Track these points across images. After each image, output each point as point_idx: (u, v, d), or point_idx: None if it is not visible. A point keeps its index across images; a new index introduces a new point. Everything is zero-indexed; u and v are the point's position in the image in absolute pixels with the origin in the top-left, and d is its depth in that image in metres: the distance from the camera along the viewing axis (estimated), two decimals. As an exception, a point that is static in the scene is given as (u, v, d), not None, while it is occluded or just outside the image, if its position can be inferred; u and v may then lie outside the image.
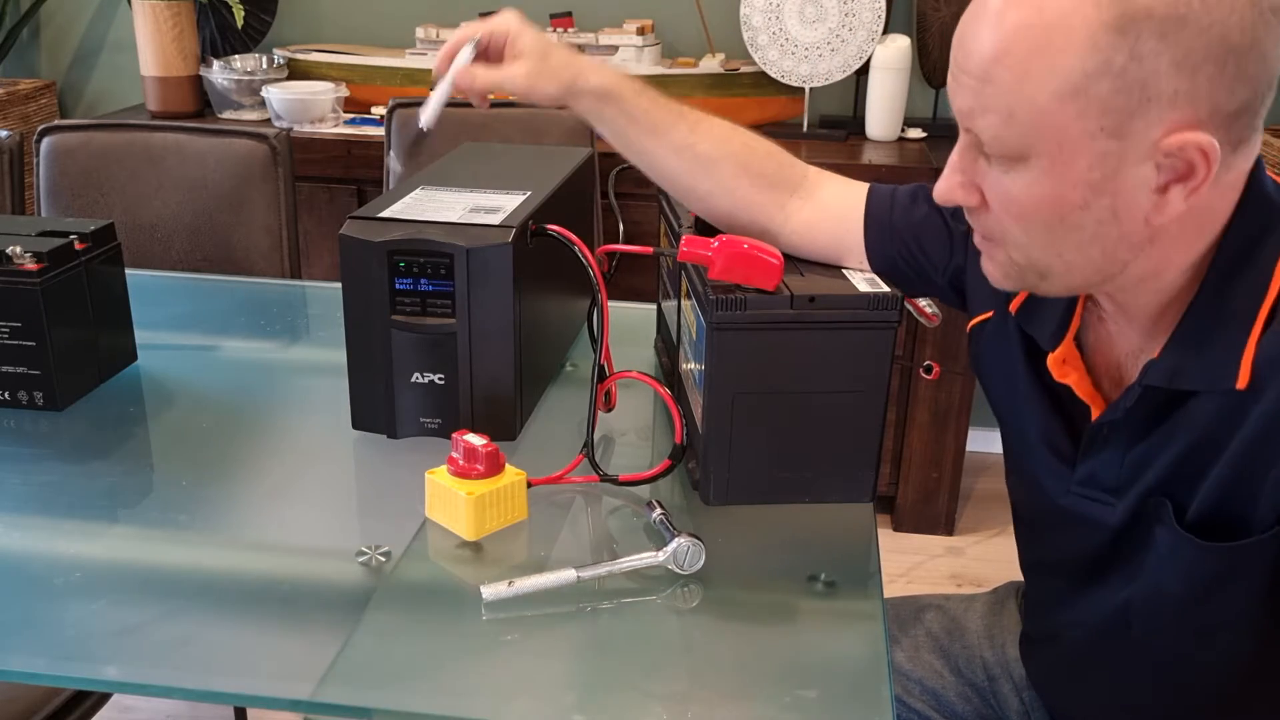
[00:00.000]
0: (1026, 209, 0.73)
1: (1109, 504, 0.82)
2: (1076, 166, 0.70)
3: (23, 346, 1.05)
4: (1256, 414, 0.73)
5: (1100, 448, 0.82)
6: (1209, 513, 0.76)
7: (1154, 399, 0.77)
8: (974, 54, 0.71)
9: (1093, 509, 0.84)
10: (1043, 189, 0.72)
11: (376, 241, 0.96)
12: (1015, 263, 0.78)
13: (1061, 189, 0.71)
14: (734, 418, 0.90)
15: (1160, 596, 0.82)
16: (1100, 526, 0.84)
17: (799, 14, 2.25)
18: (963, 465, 2.33)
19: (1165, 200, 0.70)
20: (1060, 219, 0.73)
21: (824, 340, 0.88)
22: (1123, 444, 0.81)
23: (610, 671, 0.74)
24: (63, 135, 1.75)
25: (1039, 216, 0.73)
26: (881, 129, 2.31)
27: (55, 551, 0.85)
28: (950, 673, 1.09)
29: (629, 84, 1.00)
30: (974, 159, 0.76)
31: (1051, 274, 0.77)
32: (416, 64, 2.38)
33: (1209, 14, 0.65)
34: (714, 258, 0.88)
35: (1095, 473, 0.83)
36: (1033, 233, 0.74)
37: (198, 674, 0.72)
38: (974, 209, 0.78)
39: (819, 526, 0.92)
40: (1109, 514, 0.83)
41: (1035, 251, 0.75)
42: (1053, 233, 0.74)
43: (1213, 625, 0.81)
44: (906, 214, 0.98)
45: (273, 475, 0.98)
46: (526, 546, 0.88)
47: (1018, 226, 0.75)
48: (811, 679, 0.73)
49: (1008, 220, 0.75)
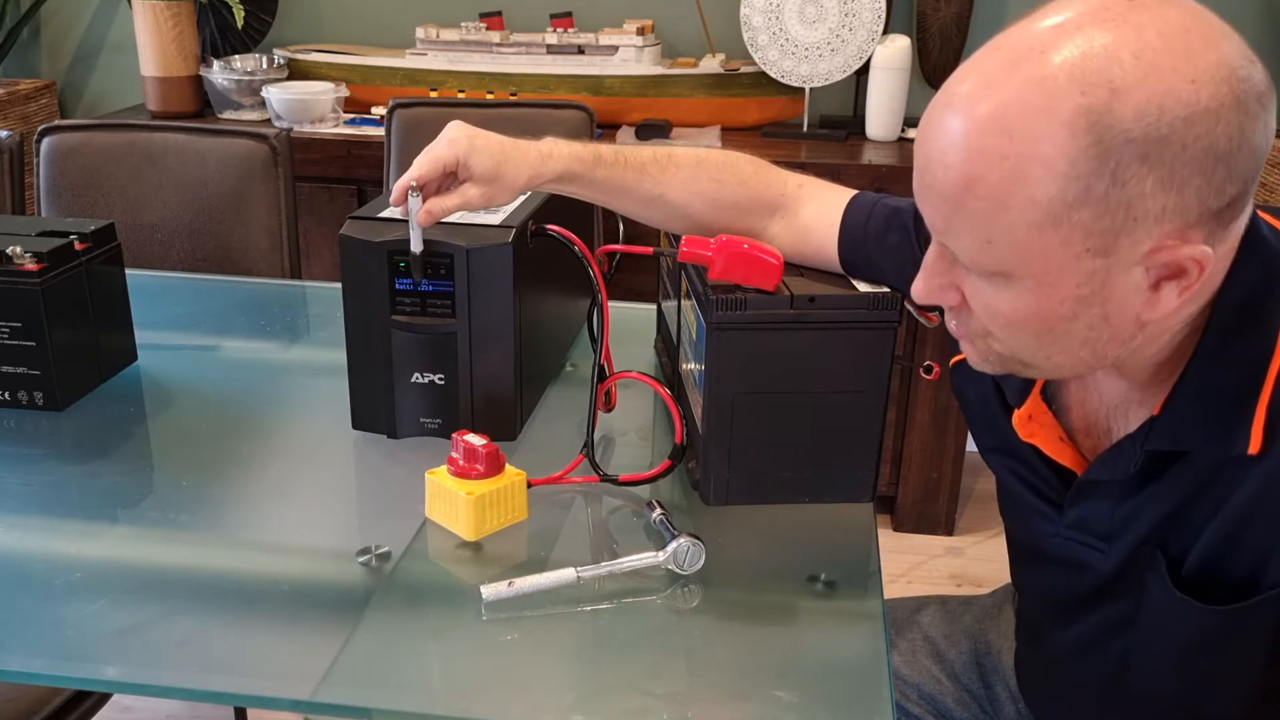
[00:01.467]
0: (1012, 320, 0.70)
1: (1100, 550, 0.80)
2: (1063, 285, 0.67)
3: (23, 346, 1.05)
4: (1260, 474, 0.70)
5: (1088, 498, 0.80)
6: (1204, 570, 0.74)
7: (1157, 459, 0.75)
8: (940, 177, 0.67)
9: (1084, 554, 0.81)
10: (1028, 305, 0.68)
11: (376, 241, 0.96)
12: (998, 354, 0.74)
13: (1049, 305, 0.68)
14: (734, 418, 0.90)
15: (1156, 648, 0.80)
16: (1092, 571, 0.81)
17: (799, 14, 2.25)
18: (963, 465, 2.33)
19: (1158, 297, 0.67)
20: (1049, 329, 0.69)
21: (824, 340, 0.88)
22: (1113, 496, 0.78)
23: (610, 671, 0.74)
24: (63, 135, 1.75)
25: (1027, 327, 0.70)
26: (882, 129, 2.31)
27: (55, 551, 0.85)
28: (947, 678, 1.09)
29: (585, 160, 0.98)
30: (950, 264, 0.72)
31: (1036, 367, 0.74)
32: (416, 64, 2.38)
33: (1192, 129, 0.61)
34: (714, 258, 0.88)
35: (1085, 519, 0.80)
36: (1020, 339, 0.71)
37: (198, 674, 0.72)
38: (955, 308, 0.75)
39: (819, 526, 0.92)
40: (1100, 560, 0.80)
41: (1024, 352, 0.72)
42: (1041, 340, 0.71)
43: (1213, 675, 0.79)
44: (880, 241, 0.95)
45: (273, 475, 0.98)
46: (526, 546, 0.88)
47: (1004, 331, 0.71)
48: (811, 679, 0.73)
49: (994, 326, 0.72)
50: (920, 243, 0.92)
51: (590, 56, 2.34)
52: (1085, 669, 0.88)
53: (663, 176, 0.99)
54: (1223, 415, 0.71)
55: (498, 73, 2.34)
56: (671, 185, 0.99)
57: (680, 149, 1.01)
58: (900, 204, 0.96)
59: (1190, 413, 0.72)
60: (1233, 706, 0.80)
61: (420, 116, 2.02)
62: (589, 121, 2.00)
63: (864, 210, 0.97)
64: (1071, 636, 0.87)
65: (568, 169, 0.97)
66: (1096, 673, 0.87)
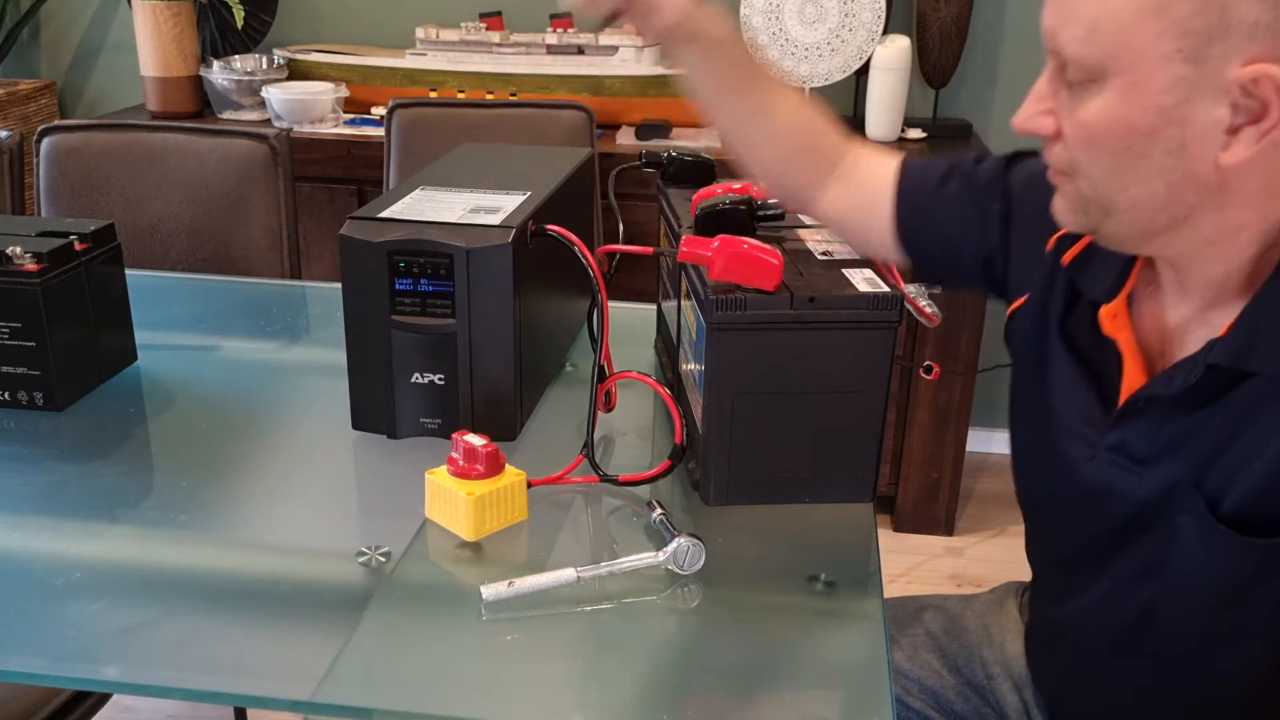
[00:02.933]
0: (1097, 134, 0.73)
1: (1136, 473, 0.81)
2: (1150, 89, 0.70)
3: (23, 347, 1.05)
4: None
5: (1135, 418, 0.81)
6: (1246, 506, 0.75)
7: (1214, 378, 0.76)
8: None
9: (1118, 478, 0.82)
10: (1114, 111, 0.72)
11: (376, 241, 0.96)
12: (1084, 196, 0.77)
13: (1132, 112, 0.71)
14: (734, 418, 0.90)
15: (1184, 593, 0.80)
16: (1124, 499, 0.82)
17: (799, 14, 2.25)
18: (963, 465, 2.33)
19: (1235, 141, 0.69)
20: (1128, 146, 0.72)
21: (824, 340, 0.88)
22: (1161, 417, 0.79)
23: (610, 671, 0.74)
24: (63, 135, 1.75)
25: (1107, 142, 0.73)
26: (881, 129, 2.31)
27: (55, 551, 0.85)
28: (949, 672, 1.10)
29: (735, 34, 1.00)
30: (1055, 88, 0.76)
31: (1116, 211, 0.76)
32: (416, 64, 2.38)
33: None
34: (714, 258, 0.88)
35: (1126, 440, 0.82)
36: (1100, 161, 0.74)
37: (198, 674, 0.72)
38: (1049, 139, 0.78)
39: (819, 526, 0.92)
40: (1134, 484, 0.81)
41: (1102, 182, 0.75)
42: (1120, 161, 0.73)
43: (1237, 628, 0.79)
44: (936, 193, 0.98)
45: (273, 475, 0.98)
46: (526, 546, 0.88)
47: (1086, 155, 0.75)
48: (811, 679, 0.73)
49: (1078, 149, 0.75)
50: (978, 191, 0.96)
51: (590, 56, 2.34)
52: (1102, 624, 0.88)
53: (779, 91, 1.01)
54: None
55: (498, 73, 2.34)
56: (784, 102, 1.01)
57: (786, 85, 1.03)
58: (955, 160, 0.99)
59: (1257, 334, 0.73)
60: (1248, 666, 0.81)
61: (420, 117, 2.02)
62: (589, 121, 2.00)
63: (918, 167, 1.00)
64: (1094, 597, 0.88)
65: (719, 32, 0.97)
66: (1113, 629, 0.87)
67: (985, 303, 2.19)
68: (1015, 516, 2.49)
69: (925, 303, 1.00)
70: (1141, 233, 0.77)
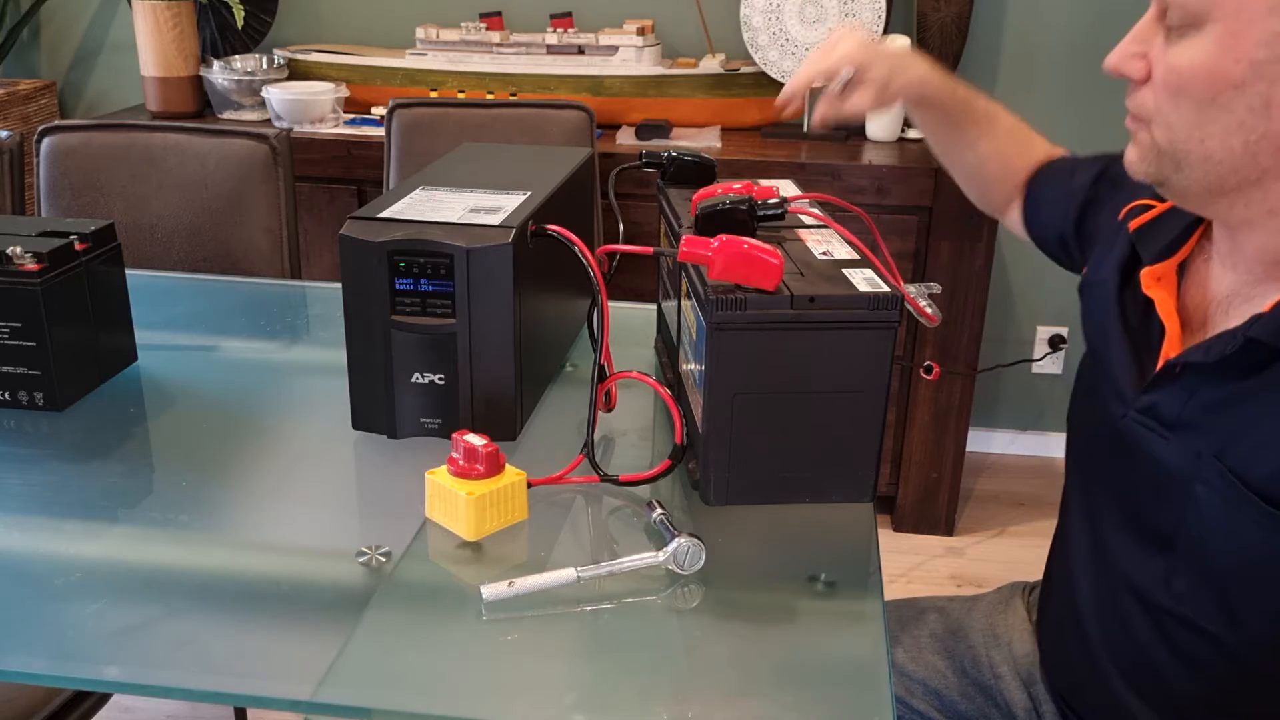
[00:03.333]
0: (1185, 80, 0.75)
1: (1165, 438, 0.83)
2: (1246, 40, 0.71)
3: (23, 347, 1.05)
4: None
5: (1170, 383, 0.83)
6: (1274, 481, 0.76)
7: (1251, 353, 0.77)
8: None
9: (1148, 439, 0.85)
10: (1207, 58, 0.73)
11: (376, 241, 0.96)
12: (1157, 145, 0.79)
13: (1225, 62, 0.72)
14: (734, 418, 0.90)
15: (1197, 564, 0.81)
16: (1149, 462, 0.84)
17: (799, 14, 2.25)
18: (963, 465, 2.34)
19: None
20: (1213, 97, 0.74)
21: (824, 340, 0.89)
22: (1195, 385, 0.81)
23: (610, 671, 0.74)
24: (63, 135, 1.75)
25: (1194, 90, 0.74)
26: (882, 129, 2.31)
27: (55, 551, 0.85)
28: (953, 672, 1.09)
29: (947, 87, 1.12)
30: (1153, 33, 0.78)
31: (1188, 163, 0.77)
32: (416, 64, 2.38)
33: None
34: (714, 258, 0.88)
35: (1156, 404, 0.84)
36: (1183, 110, 0.76)
37: (198, 674, 0.72)
38: (1136, 83, 0.80)
39: (819, 526, 0.92)
40: (1162, 447, 0.83)
41: (1180, 132, 0.77)
42: (1203, 112, 0.75)
43: (1252, 608, 0.80)
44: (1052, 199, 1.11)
45: (273, 475, 0.98)
46: (526, 546, 0.88)
47: (1171, 101, 0.76)
48: (811, 679, 0.73)
49: (1164, 94, 0.77)
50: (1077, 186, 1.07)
51: (590, 57, 2.34)
52: (1121, 602, 0.89)
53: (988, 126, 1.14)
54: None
55: (498, 73, 2.34)
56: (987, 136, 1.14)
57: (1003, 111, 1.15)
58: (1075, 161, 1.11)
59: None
60: (1258, 652, 0.81)
61: (420, 117, 2.02)
62: (589, 121, 2.00)
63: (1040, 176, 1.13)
64: (1113, 556, 0.89)
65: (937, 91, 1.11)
66: (1131, 607, 0.88)
67: (986, 303, 2.19)
68: (1015, 516, 2.50)
69: (925, 303, 1.01)
70: (1209, 189, 0.78)
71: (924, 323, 0.96)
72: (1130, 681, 0.90)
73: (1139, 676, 0.90)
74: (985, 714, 1.08)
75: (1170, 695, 0.87)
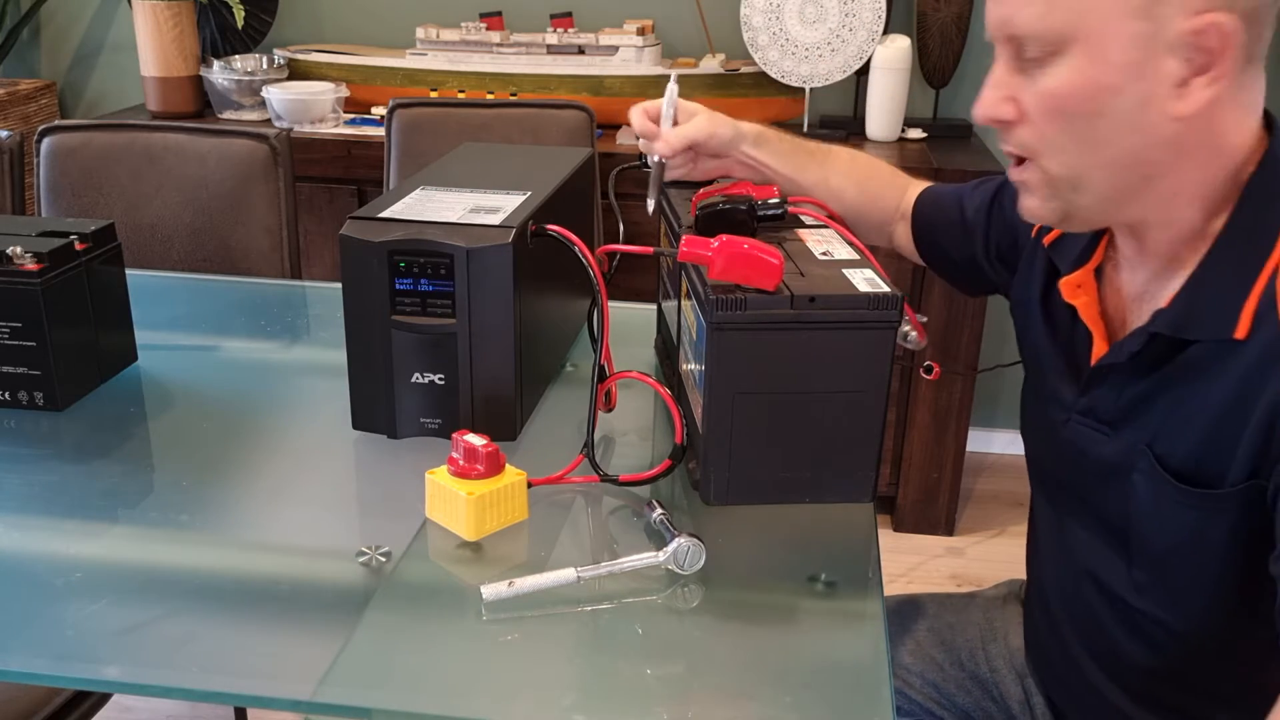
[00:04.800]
0: (1065, 100, 0.77)
1: (1106, 435, 0.87)
2: (1112, 49, 0.74)
3: (23, 346, 1.05)
4: (1242, 360, 0.76)
5: (1100, 384, 0.88)
6: (1190, 462, 0.80)
7: (1157, 346, 0.81)
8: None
9: (1093, 438, 0.88)
10: (1081, 75, 0.76)
11: (377, 241, 0.96)
12: (1051, 176, 0.80)
13: (1098, 73, 0.75)
14: (734, 418, 0.90)
15: (1145, 551, 0.85)
16: (1098, 458, 0.88)
17: (799, 14, 2.25)
18: (963, 465, 2.33)
19: (1188, 92, 0.75)
20: (1096, 108, 0.76)
21: (824, 340, 0.88)
22: (1120, 383, 0.85)
23: (610, 671, 0.74)
24: (63, 135, 1.75)
25: (1076, 106, 0.76)
26: (882, 129, 2.31)
27: (55, 551, 0.85)
28: (952, 665, 1.10)
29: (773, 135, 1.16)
30: (1011, 74, 0.80)
31: (1087, 181, 0.79)
32: (416, 64, 2.38)
33: None
34: (714, 258, 0.88)
35: (1094, 406, 0.88)
36: (1071, 129, 0.77)
37: (198, 674, 0.72)
38: (1012, 124, 0.81)
39: (819, 526, 0.92)
40: (1105, 444, 0.87)
41: (1072, 152, 0.78)
42: (1089, 124, 0.77)
43: (1187, 587, 0.83)
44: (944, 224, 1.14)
45: (273, 475, 0.98)
46: (526, 546, 0.88)
47: (1055, 126, 0.78)
48: (811, 679, 0.73)
49: (1046, 122, 0.78)
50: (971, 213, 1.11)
51: (590, 56, 2.34)
52: (1087, 595, 0.93)
53: (827, 161, 1.17)
54: (1221, 304, 0.77)
55: (498, 73, 2.34)
56: (835, 170, 1.18)
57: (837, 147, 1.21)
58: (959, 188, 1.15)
59: (1195, 304, 0.79)
60: (1206, 636, 0.85)
61: (420, 117, 2.02)
62: (589, 121, 2.00)
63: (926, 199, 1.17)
64: (1079, 551, 0.93)
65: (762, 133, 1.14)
66: (1097, 599, 0.92)
67: (985, 303, 2.19)
68: (1015, 516, 2.50)
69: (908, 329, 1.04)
70: (1111, 199, 0.81)
71: (912, 347, 1.02)
72: (1107, 673, 0.93)
73: (1112, 665, 0.93)
74: (982, 706, 1.09)
75: (1140, 679, 0.91)
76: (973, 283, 1.15)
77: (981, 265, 1.11)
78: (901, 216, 1.19)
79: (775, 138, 1.15)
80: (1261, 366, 0.75)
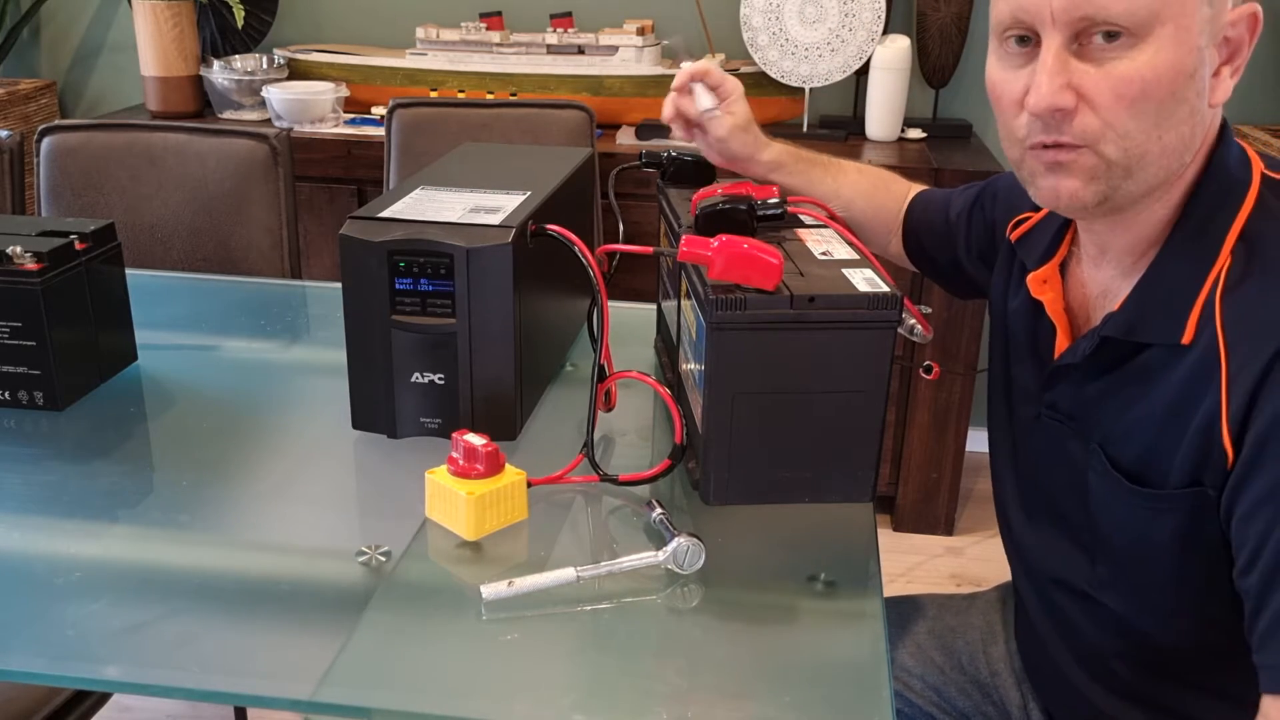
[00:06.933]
0: (1149, 86, 0.75)
1: (1070, 430, 0.89)
2: (1192, 31, 0.74)
3: (23, 346, 1.05)
4: (1186, 365, 0.77)
5: (1060, 382, 0.89)
6: (1139, 464, 0.81)
7: (1111, 348, 0.82)
8: None
9: (1060, 432, 0.90)
10: (1167, 58, 0.75)
11: (376, 241, 0.96)
12: (1109, 162, 0.78)
13: (1181, 55, 0.75)
14: (734, 418, 0.90)
15: (1108, 551, 0.86)
16: (1065, 453, 0.89)
17: (799, 14, 2.25)
18: (963, 465, 2.34)
19: (1219, 82, 0.77)
20: (1174, 92, 0.76)
21: (824, 340, 0.89)
22: (1078, 381, 0.87)
23: (610, 671, 0.74)
24: (63, 135, 1.75)
25: (1159, 92, 0.75)
26: (881, 129, 2.31)
27: (55, 551, 0.85)
28: (952, 668, 1.10)
29: (790, 152, 1.19)
30: (1066, 61, 0.77)
31: (1143, 165, 0.78)
32: (416, 64, 2.38)
33: None
34: (714, 258, 0.88)
35: (1057, 402, 0.90)
36: (1144, 114, 0.76)
37: (198, 674, 0.72)
38: (1069, 112, 0.77)
39: (819, 526, 0.92)
40: (1070, 439, 0.89)
41: (1138, 137, 0.77)
42: (1163, 108, 0.76)
43: (1148, 585, 0.84)
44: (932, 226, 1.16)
45: (273, 475, 0.98)
46: (526, 546, 0.88)
47: (1129, 111, 0.76)
48: (811, 679, 0.73)
49: (1119, 108, 0.76)
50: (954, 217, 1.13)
51: (590, 56, 2.34)
52: (1056, 600, 0.94)
53: (839, 174, 1.21)
54: (1169, 310, 0.79)
55: (498, 73, 2.34)
56: (845, 183, 1.20)
57: (847, 161, 1.24)
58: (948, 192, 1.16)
59: (1145, 308, 0.81)
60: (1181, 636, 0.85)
61: (420, 116, 2.02)
62: (589, 121, 2.00)
63: (918, 204, 1.19)
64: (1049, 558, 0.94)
65: (778, 160, 1.17)
66: (1068, 604, 0.93)
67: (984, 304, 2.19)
68: (1015, 516, 2.49)
69: (914, 322, 1.04)
70: (1157, 184, 0.80)
71: (918, 338, 1.02)
72: (1086, 670, 0.94)
73: (1092, 664, 0.93)
74: (982, 710, 1.08)
75: (1117, 675, 0.91)
76: (959, 284, 1.16)
77: (964, 266, 1.12)
78: (899, 223, 1.21)
79: (791, 161, 1.18)
80: (1201, 374, 0.76)
